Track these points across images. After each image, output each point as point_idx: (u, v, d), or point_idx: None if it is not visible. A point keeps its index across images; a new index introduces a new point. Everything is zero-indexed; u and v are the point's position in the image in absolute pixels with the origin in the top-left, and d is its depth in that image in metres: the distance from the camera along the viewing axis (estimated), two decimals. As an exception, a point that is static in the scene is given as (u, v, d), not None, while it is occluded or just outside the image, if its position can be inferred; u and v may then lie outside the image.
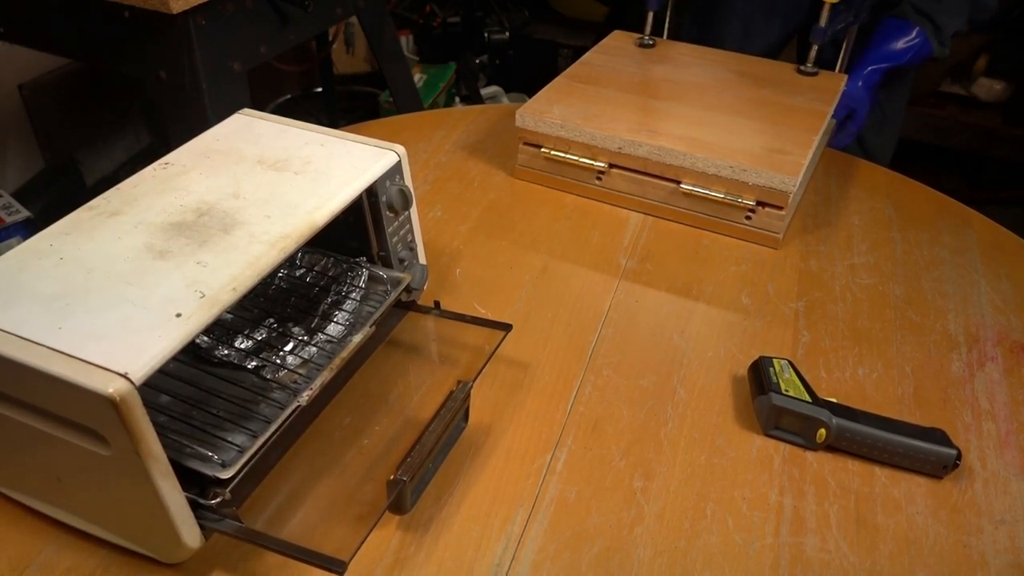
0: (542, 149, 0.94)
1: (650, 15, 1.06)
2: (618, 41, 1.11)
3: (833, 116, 1.00)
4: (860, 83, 1.10)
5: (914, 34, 1.08)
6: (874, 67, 1.10)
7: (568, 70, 1.02)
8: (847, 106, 1.10)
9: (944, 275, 0.84)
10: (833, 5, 0.96)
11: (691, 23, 1.31)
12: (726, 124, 0.90)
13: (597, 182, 0.93)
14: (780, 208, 0.84)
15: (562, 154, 0.93)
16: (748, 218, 0.86)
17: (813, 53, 1.00)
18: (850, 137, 1.13)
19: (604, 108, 0.93)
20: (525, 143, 0.95)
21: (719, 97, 0.96)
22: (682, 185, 0.88)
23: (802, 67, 1.02)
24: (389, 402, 0.67)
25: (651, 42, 1.09)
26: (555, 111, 0.92)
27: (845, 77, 1.03)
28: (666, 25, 1.13)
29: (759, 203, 0.85)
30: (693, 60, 1.05)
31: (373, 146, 0.66)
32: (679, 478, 0.61)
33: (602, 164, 0.91)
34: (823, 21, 0.97)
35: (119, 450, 0.45)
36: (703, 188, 0.87)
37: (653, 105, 0.94)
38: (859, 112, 1.10)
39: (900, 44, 1.09)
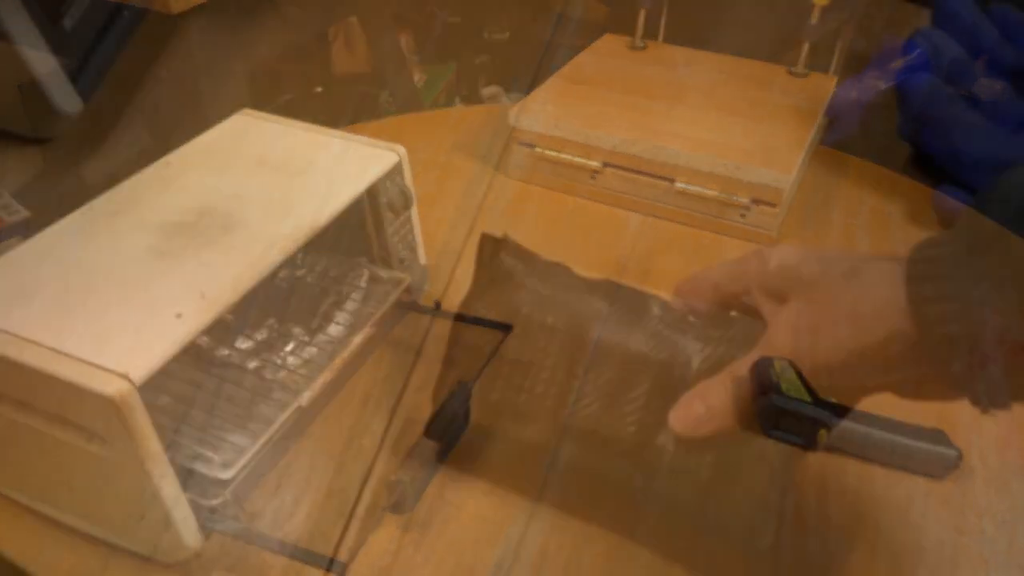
0: (536, 148, 0.94)
1: (642, 13, 1.06)
2: (609, 44, 1.11)
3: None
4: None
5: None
6: None
7: (561, 71, 1.02)
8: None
9: (944, 275, 0.84)
10: (823, 7, 0.96)
11: None
12: (719, 123, 0.91)
13: (591, 181, 0.93)
14: (774, 206, 0.84)
15: (556, 153, 0.92)
16: (743, 216, 0.86)
17: (804, 53, 1.00)
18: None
19: (598, 108, 0.93)
20: (519, 143, 0.95)
21: (712, 97, 0.96)
22: (676, 183, 0.88)
23: (793, 68, 1.02)
24: (389, 402, 0.67)
25: (642, 44, 1.09)
26: (549, 110, 0.92)
27: (835, 78, 1.02)
28: (662, 26, 1.12)
29: (753, 200, 0.85)
30: (685, 62, 1.06)
31: (373, 146, 0.66)
32: (679, 479, 0.61)
33: (596, 163, 0.91)
34: (813, 20, 0.97)
35: (119, 451, 0.45)
36: (697, 186, 0.87)
37: (646, 105, 0.94)
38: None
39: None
